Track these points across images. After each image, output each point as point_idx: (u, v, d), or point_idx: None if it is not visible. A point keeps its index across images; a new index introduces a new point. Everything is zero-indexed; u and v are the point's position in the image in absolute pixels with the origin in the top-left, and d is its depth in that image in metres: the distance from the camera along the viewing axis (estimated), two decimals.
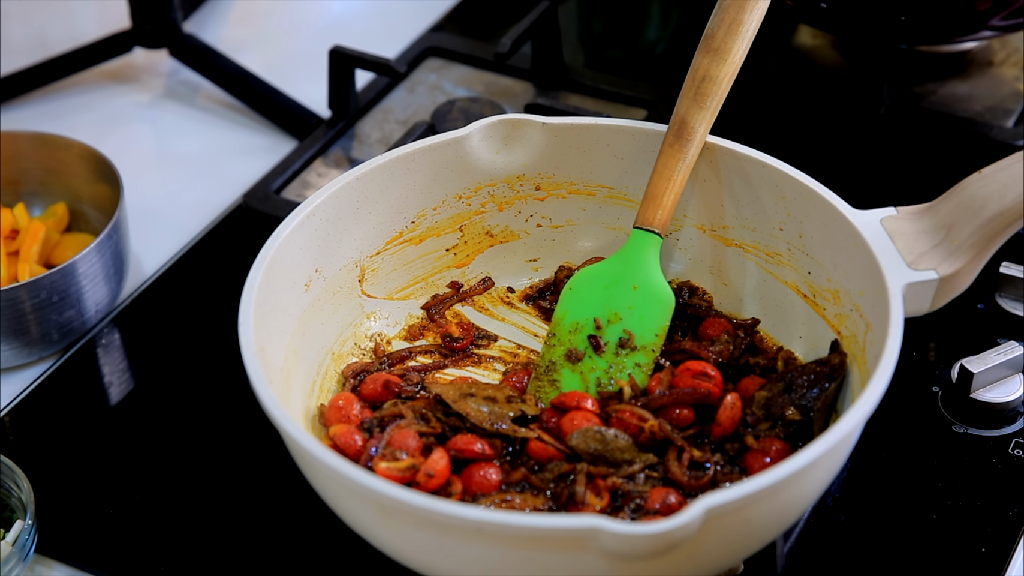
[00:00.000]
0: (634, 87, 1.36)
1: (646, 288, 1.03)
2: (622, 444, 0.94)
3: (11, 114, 1.41)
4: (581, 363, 1.02)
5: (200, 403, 1.12)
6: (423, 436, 0.96)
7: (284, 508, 1.02)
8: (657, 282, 1.03)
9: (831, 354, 0.99)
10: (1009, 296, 1.14)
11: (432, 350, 1.08)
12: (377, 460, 0.93)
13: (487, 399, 0.98)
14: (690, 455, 0.95)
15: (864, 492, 1.02)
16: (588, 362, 1.02)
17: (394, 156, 1.06)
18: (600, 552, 0.81)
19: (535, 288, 1.12)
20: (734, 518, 0.84)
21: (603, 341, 1.02)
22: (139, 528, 1.02)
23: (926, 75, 1.37)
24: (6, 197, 1.23)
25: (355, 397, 1.00)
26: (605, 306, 1.03)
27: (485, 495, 0.93)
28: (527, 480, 0.94)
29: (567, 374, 1.02)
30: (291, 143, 1.36)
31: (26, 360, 1.15)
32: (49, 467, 1.07)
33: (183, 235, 1.27)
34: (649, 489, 0.93)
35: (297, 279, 1.02)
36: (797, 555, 0.99)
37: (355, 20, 1.54)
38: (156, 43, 1.42)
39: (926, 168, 1.28)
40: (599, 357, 1.02)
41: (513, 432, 0.96)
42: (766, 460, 0.94)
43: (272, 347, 0.96)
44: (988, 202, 0.94)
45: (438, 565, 0.88)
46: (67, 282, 1.12)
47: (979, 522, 1.00)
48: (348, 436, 0.96)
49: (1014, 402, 1.06)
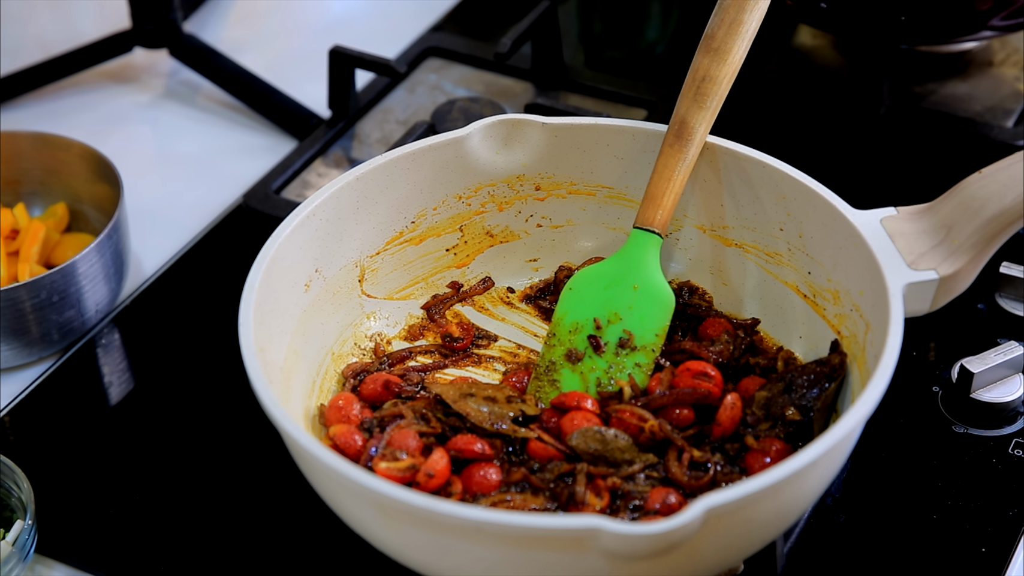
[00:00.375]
0: (634, 87, 1.36)
1: (646, 288, 1.03)
2: (622, 444, 0.94)
3: (11, 114, 1.41)
4: (581, 363, 1.02)
5: (200, 403, 1.12)
6: (423, 436, 0.96)
7: (284, 508, 1.02)
8: (657, 282, 1.03)
9: (831, 354, 0.99)
10: (1009, 296, 1.14)
11: (432, 350, 1.08)
12: (377, 460, 0.93)
13: (487, 399, 0.98)
14: (690, 455, 0.95)
15: (864, 492, 1.02)
16: (588, 362, 1.02)
17: (394, 156, 1.06)
18: (600, 552, 0.81)
19: (535, 288, 1.12)
20: (734, 518, 0.84)
21: (603, 341, 1.02)
22: (139, 528, 1.02)
23: (926, 75, 1.37)
24: (6, 197, 1.23)
25: (355, 397, 1.00)
26: (605, 306, 1.03)
27: (485, 495, 0.93)
28: (527, 480, 0.94)
29: (567, 374, 1.02)
30: (291, 143, 1.36)
31: (26, 360, 1.15)
32: (49, 467, 1.07)
33: (183, 235, 1.27)
34: (649, 489, 0.93)
35: (297, 279, 1.02)
36: (797, 555, 0.99)
37: (355, 20, 1.54)
38: (156, 43, 1.42)
39: (926, 168, 1.28)
40: (599, 357, 1.02)
41: (513, 432, 0.96)
42: (766, 460, 0.94)
43: (272, 347, 0.96)
44: (988, 202, 0.94)
45: (438, 565, 0.88)
46: (67, 282, 1.12)
47: (979, 522, 1.00)
48: (348, 436, 0.96)
49: (1014, 402, 1.06)
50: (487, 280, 1.12)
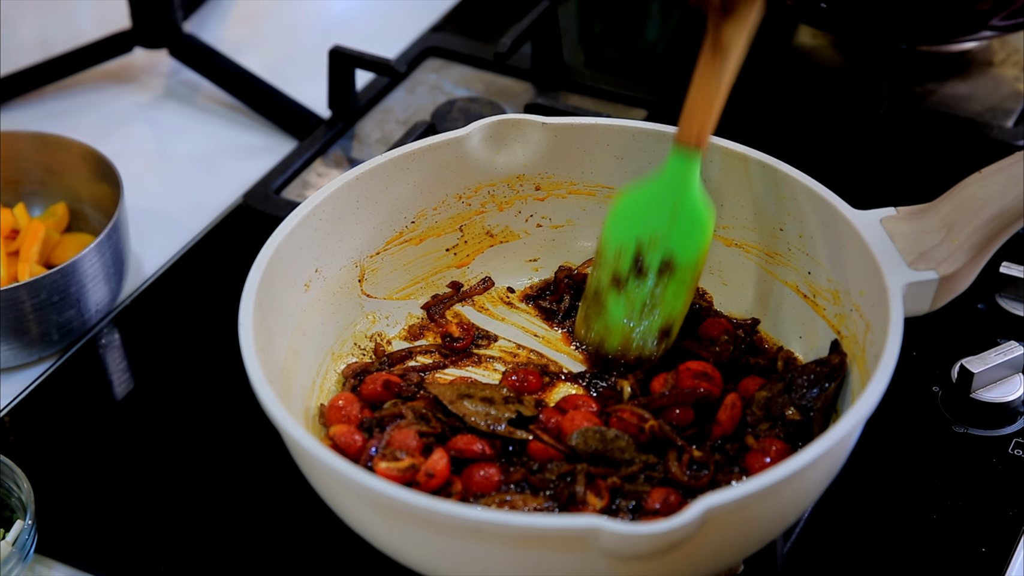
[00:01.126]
0: (634, 87, 1.36)
1: (686, 208, 1.02)
2: (622, 444, 0.94)
3: (11, 114, 1.41)
4: (626, 288, 1.03)
5: (200, 403, 1.12)
6: (423, 436, 0.96)
7: (284, 508, 1.02)
8: (696, 201, 1.01)
9: (831, 354, 0.99)
10: (1009, 296, 1.14)
11: (432, 350, 1.08)
12: (377, 460, 0.93)
13: (484, 400, 0.98)
14: (690, 455, 0.95)
15: (864, 492, 1.02)
16: (632, 286, 1.03)
17: (394, 156, 1.06)
18: (600, 552, 0.81)
19: (535, 288, 1.12)
20: (734, 518, 0.84)
21: (646, 264, 1.02)
22: (139, 528, 1.02)
23: (926, 75, 1.37)
24: (6, 197, 1.23)
25: (355, 397, 1.00)
26: (647, 227, 1.03)
27: (485, 495, 0.93)
28: (527, 480, 0.94)
29: (612, 299, 1.03)
30: (291, 143, 1.36)
31: (26, 360, 1.15)
32: (49, 467, 1.07)
33: (183, 235, 1.27)
34: (649, 489, 0.93)
35: (297, 279, 1.02)
36: (797, 555, 0.99)
37: (355, 20, 1.54)
38: (156, 43, 1.42)
39: (926, 168, 1.28)
40: (643, 281, 1.02)
41: (509, 434, 0.96)
42: (766, 460, 0.94)
43: (272, 347, 0.96)
44: (988, 202, 0.94)
45: (438, 565, 0.88)
46: (67, 282, 1.12)
47: (979, 522, 1.00)
48: (348, 436, 0.96)
49: (1014, 402, 1.06)
50: (487, 280, 1.12)
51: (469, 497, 0.93)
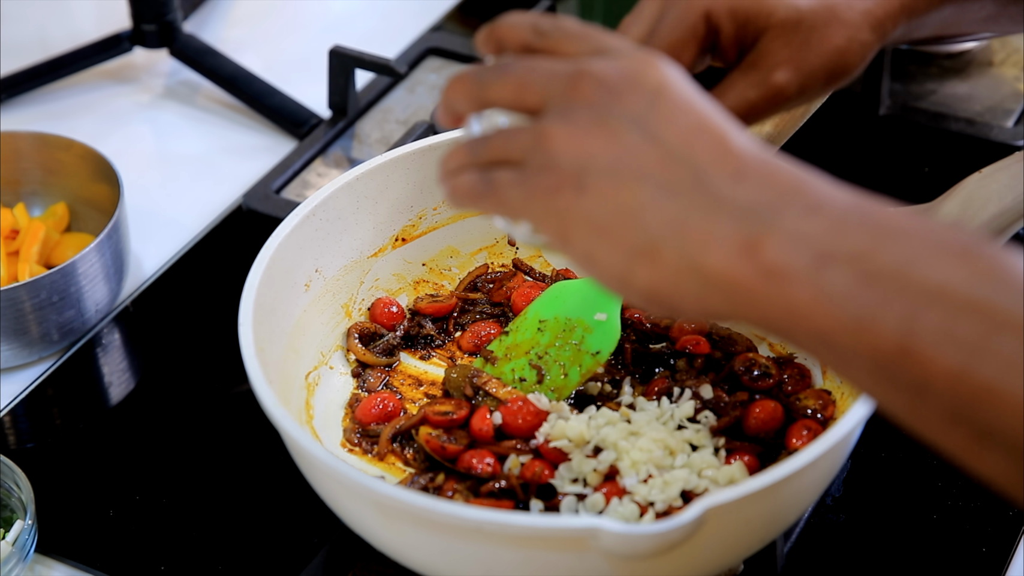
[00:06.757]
0: None
1: (610, 319, 1.01)
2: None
3: (11, 114, 1.41)
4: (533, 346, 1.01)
5: (200, 403, 1.12)
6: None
7: (284, 508, 1.02)
8: (616, 317, 1.01)
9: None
10: None
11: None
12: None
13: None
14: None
15: (864, 492, 1.02)
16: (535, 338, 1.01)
17: (394, 156, 1.06)
18: (600, 552, 0.81)
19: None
20: (734, 518, 0.84)
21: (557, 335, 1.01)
22: (139, 528, 1.02)
23: (926, 75, 1.37)
24: (6, 197, 1.23)
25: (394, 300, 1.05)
26: (572, 313, 1.02)
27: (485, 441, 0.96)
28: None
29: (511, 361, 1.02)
30: (291, 143, 1.36)
31: (26, 360, 1.15)
32: (49, 467, 1.07)
33: (183, 235, 1.27)
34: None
35: (297, 279, 1.02)
36: (797, 555, 0.99)
37: (355, 20, 1.54)
38: (156, 43, 1.42)
39: (926, 168, 1.28)
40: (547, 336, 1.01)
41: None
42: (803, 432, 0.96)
43: (272, 347, 0.96)
44: (988, 202, 0.94)
45: (438, 565, 0.88)
46: (67, 282, 1.12)
47: (979, 522, 1.00)
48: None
49: None
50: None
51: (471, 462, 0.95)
